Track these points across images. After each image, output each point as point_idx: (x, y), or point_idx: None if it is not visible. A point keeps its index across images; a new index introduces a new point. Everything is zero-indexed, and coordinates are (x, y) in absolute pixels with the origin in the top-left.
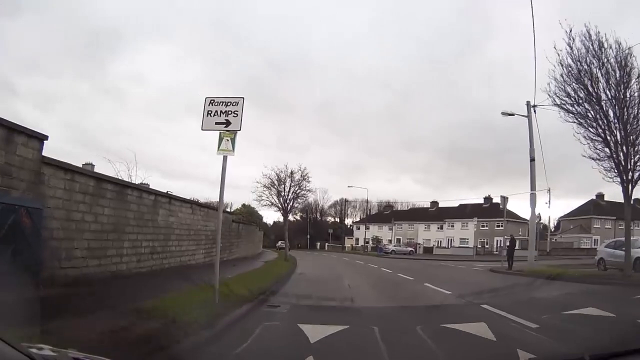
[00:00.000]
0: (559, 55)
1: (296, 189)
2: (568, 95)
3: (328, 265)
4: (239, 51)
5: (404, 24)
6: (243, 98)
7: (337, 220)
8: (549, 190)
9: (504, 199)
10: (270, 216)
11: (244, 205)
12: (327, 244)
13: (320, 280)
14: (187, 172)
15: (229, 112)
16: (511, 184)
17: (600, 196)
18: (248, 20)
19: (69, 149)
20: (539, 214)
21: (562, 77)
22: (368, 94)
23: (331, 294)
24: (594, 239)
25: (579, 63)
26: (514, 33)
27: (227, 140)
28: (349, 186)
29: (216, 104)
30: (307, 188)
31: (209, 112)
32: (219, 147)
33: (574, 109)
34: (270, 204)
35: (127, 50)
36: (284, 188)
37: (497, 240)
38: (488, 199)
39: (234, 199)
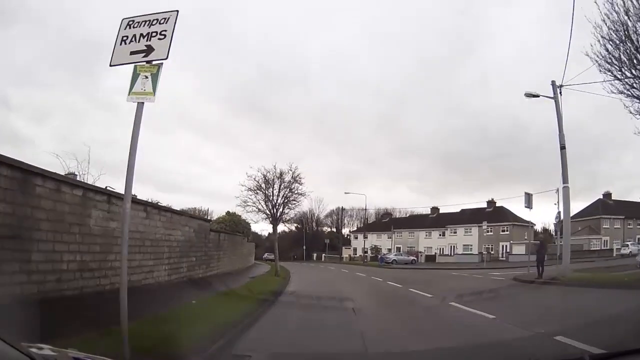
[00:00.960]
0: (600, 10)
1: (286, 192)
2: (614, 60)
3: (326, 280)
4: (231, 61)
5: (398, 31)
6: (177, 11)
7: (334, 230)
8: (558, 190)
9: (529, 197)
10: (265, 228)
11: (228, 213)
12: (323, 254)
13: (315, 302)
14: (180, 185)
15: (153, 35)
16: (508, 188)
17: (607, 195)
18: (240, 29)
19: (61, 162)
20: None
21: (608, 37)
22: (362, 102)
23: (331, 327)
24: (604, 240)
25: (624, 20)
26: (509, 38)
27: (145, 77)
28: (346, 192)
29: (136, 25)
30: (300, 191)
31: (124, 38)
32: (130, 90)
33: (622, 75)
34: (257, 210)
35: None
36: (272, 192)
37: (503, 246)
38: (491, 202)
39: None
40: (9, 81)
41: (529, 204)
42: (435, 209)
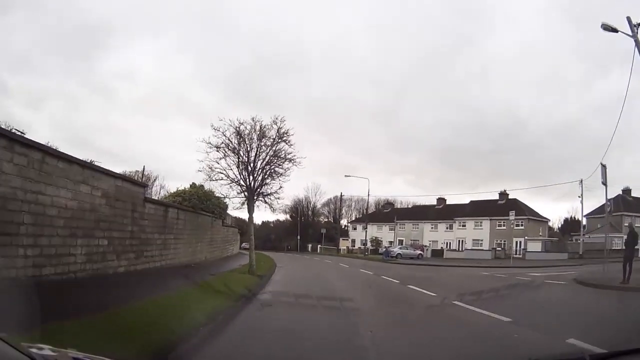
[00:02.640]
0: None
1: (269, 154)
2: None
3: (322, 281)
4: (228, 47)
5: (398, 20)
6: None
7: (331, 219)
8: (582, 181)
9: (604, 170)
10: (258, 215)
11: (193, 185)
12: (319, 245)
13: (303, 332)
14: (178, 172)
15: None
16: (507, 185)
17: (627, 191)
18: (237, 14)
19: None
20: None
21: None
22: (361, 94)
23: None
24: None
25: None
26: (511, 29)
27: None
28: (346, 175)
29: None
30: (288, 154)
31: None
32: None
33: None
34: (227, 180)
35: (116, 47)
36: (249, 154)
37: (517, 242)
38: (503, 194)
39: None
40: (4, 65)
41: (604, 178)
42: (441, 200)
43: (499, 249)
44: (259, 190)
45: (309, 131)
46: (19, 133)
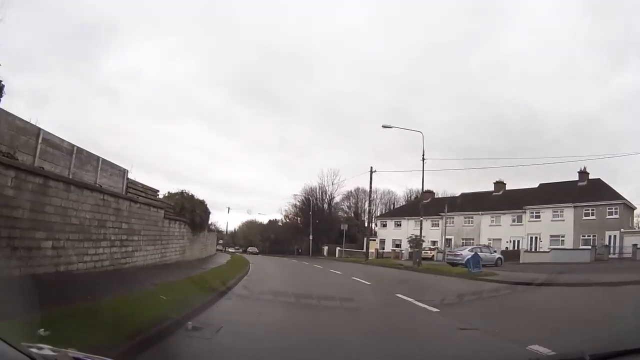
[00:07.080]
0: None
1: None
2: None
3: None
4: (235, 46)
5: (410, 15)
6: None
7: (352, 215)
8: None
9: None
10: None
11: None
12: (338, 248)
13: None
14: (187, 176)
15: None
16: (517, 184)
17: None
18: (244, 12)
19: None
20: None
21: None
22: (372, 92)
23: None
24: None
25: None
26: (527, 23)
27: None
28: (384, 126)
29: None
30: None
31: None
32: None
33: None
34: None
35: (118, 46)
36: None
37: (611, 237)
38: (584, 173)
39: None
40: (5, 64)
41: None
42: (500, 184)
43: (602, 246)
44: None
45: (320, 131)
46: None
